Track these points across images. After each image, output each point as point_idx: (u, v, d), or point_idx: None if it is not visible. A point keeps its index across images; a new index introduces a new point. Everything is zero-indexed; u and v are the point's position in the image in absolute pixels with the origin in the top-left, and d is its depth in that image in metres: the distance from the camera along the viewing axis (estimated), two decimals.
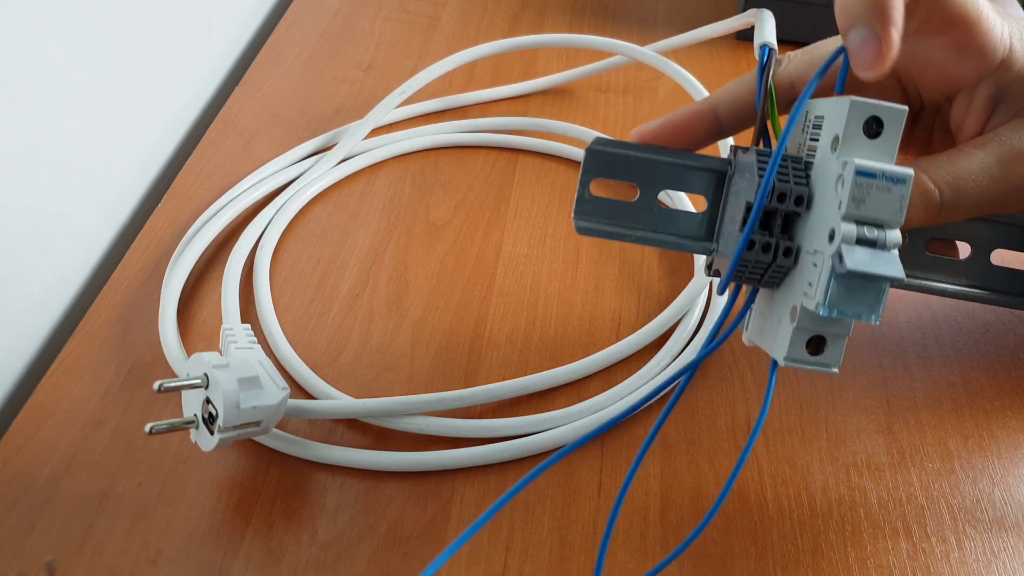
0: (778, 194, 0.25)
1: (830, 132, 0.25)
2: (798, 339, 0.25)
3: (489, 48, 0.53)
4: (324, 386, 0.37)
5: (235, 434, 0.31)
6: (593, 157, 0.28)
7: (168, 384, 0.31)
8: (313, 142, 0.50)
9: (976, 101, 0.28)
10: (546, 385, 0.38)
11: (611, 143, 0.28)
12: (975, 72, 0.28)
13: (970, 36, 0.27)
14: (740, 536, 0.33)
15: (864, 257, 0.23)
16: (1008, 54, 0.27)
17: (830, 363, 0.25)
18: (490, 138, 0.51)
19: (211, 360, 0.31)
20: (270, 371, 0.33)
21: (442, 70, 0.52)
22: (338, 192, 0.48)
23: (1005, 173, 0.26)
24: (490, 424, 0.36)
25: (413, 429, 0.35)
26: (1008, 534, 0.33)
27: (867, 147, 0.24)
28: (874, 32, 0.23)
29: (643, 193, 0.28)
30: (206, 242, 0.43)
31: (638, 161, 0.28)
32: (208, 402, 0.31)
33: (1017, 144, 0.26)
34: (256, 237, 0.44)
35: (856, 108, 0.24)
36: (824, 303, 0.24)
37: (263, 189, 0.46)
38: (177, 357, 0.37)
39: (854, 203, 0.23)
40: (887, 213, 0.23)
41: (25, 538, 0.32)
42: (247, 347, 0.34)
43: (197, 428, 0.32)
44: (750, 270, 0.26)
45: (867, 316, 0.24)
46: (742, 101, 0.29)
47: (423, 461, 0.34)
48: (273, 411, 0.32)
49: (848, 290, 0.24)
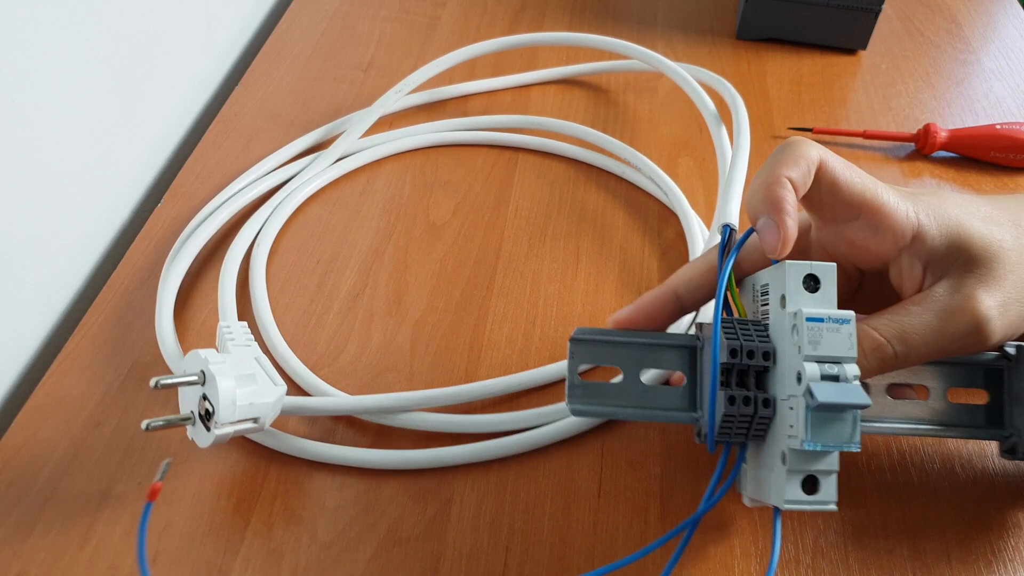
0: (746, 351, 0.29)
1: (776, 293, 0.29)
2: (793, 481, 0.28)
3: (489, 46, 0.53)
4: (321, 384, 0.37)
5: (232, 430, 0.31)
6: (578, 347, 0.31)
7: (164, 380, 0.31)
8: (310, 137, 0.50)
9: (905, 268, 0.32)
10: (544, 380, 0.38)
11: (592, 332, 0.32)
12: (893, 247, 0.31)
13: (878, 219, 0.31)
14: (740, 536, 0.33)
15: (831, 390, 0.27)
16: (918, 229, 0.31)
17: (827, 500, 0.28)
18: (489, 136, 0.51)
19: (208, 357, 0.31)
20: (267, 368, 0.33)
21: (440, 68, 0.52)
22: (335, 191, 0.48)
23: (943, 326, 0.30)
24: (488, 419, 0.36)
25: (410, 425, 0.35)
26: (1008, 534, 0.33)
27: (810, 300, 0.28)
28: (773, 221, 0.29)
29: (626, 374, 0.31)
30: (203, 240, 0.43)
31: (617, 347, 0.32)
32: (205, 399, 0.31)
33: (948, 302, 0.30)
34: (253, 236, 0.44)
35: (793, 269, 0.28)
36: (808, 438, 0.27)
37: (260, 187, 0.46)
38: (174, 355, 0.37)
39: (811, 345, 0.27)
40: (841, 350, 0.28)
41: (25, 538, 0.32)
42: (244, 344, 0.34)
43: (194, 425, 0.32)
44: (736, 426, 0.29)
45: (847, 444, 0.27)
46: (697, 282, 0.33)
47: (421, 459, 0.34)
48: (270, 408, 0.32)
49: (825, 423, 0.27)
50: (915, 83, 0.58)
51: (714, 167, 0.50)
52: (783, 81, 0.58)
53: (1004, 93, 0.57)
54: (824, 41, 0.61)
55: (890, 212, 0.31)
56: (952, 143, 0.51)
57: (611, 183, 0.49)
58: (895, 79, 0.58)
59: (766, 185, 0.30)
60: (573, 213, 0.47)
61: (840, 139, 0.53)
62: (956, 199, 0.33)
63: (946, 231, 0.31)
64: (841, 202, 0.31)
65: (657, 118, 0.54)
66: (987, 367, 0.33)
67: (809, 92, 0.57)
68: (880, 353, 0.30)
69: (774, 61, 0.60)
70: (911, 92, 0.57)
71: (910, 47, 0.62)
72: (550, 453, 0.35)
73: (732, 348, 0.29)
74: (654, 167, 0.48)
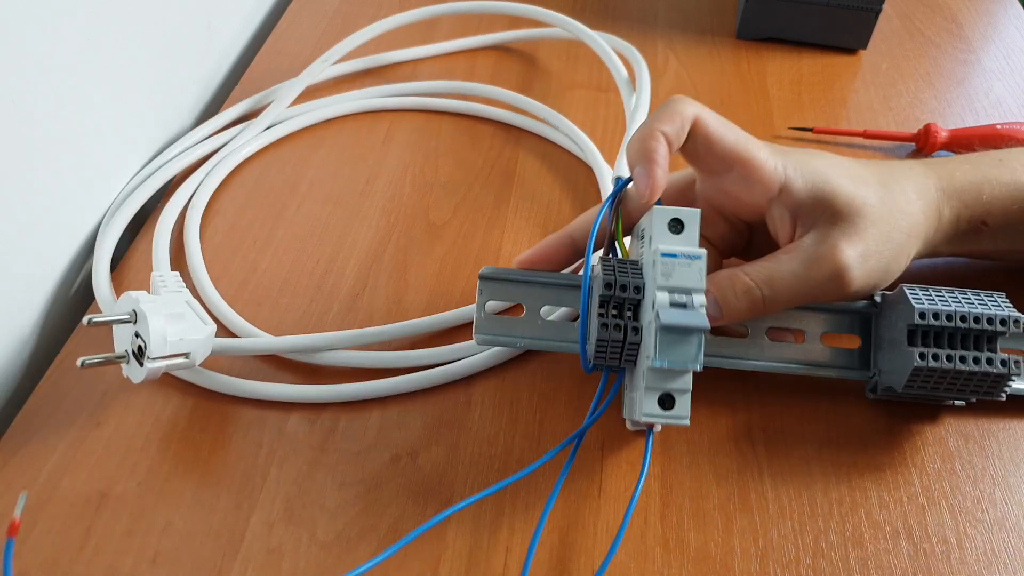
0: (620, 285, 0.32)
1: (648, 235, 0.33)
2: (651, 397, 0.31)
3: (413, 15, 0.56)
4: (248, 326, 0.39)
5: (163, 364, 0.33)
6: (485, 284, 0.36)
7: (97, 318, 0.33)
8: (242, 105, 0.52)
9: (777, 219, 0.35)
10: (468, 319, 0.40)
11: (498, 272, 0.36)
12: (763, 198, 0.35)
13: (748, 172, 0.34)
14: (740, 536, 0.33)
15: (676, 315, 0.30)
16: (785, 182, 0.34)
17: (681, 415, 0.31)
18: (414, 102, 0.54)
19: (139, 297, 0.34)
20: (197, 310, 0.35)
21: (365, 37, 0.54)
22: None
23: (807, 272, 0.33)
24: (413, 355, 0.38)
25: (336, 363, 0.38)
26: (1008, 534, 0.33)
27: (675, 240, 0.32)
28: (644, 170, 0.32)
29: (528, 309, 0.36)
30: (140, 201, 0.46)
31: (519, 285, 0.36)
32: (137, 336, 0.33)
33: (813, 251, 0.33)
34: (188, 197, 0.47)
35: (659, 213, 0.32)
36: (655, 356, 0.30)
37: (195, 154, 0.49)
38: (109, 301, 0.39)
39: (663, 277, 0.31)
40: (691, 282, 0.31)
41: (25, 538, 0.32)
42: (176, 291, 0.36)
43: (128, 363, 0.34)
44: (610, 350, 0.32)
45: (692, 364, 0.31)
46: (590, 228, 0.35)
47: (354, 392, 0.37)
48: (200, 344, 0.34)
49: (672, 344, 0.30)
50: (915, 83, 0.58)
51: None
52: (783, 81, 0.58)
53: (1004, 93, 0.57)
54: (824, 41, 0.61)
55: (759, 165, 0.34)
56: (952, 143, 0.51)
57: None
58: (895, 79, 0.58)
59: (641, 138, 0.33)
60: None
61: (840, 139, 0.53)
62: (829, 159, 0.36)
63: (812, 185, 0.34)
64: (715, 156, 0.34)
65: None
66: (859, 313, 0.37)
67: (809, 92, 0.57)
68: (750, 295, 0.33)
69: (774, 61, 0.60)
70: (911, 92, 0.57)
71: (910, 47, 0.62)
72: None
73: (607, 282, 0.32)
74: (571, 125, 0.51)
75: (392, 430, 0.36)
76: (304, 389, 0.37)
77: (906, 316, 0.34)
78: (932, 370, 0.33)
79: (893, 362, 0.35)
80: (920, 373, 0.33)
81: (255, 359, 0.38)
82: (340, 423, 0.36)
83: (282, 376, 0.38)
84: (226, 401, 0.37)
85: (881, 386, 0.36)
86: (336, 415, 0.36)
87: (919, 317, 0.33)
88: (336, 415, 0.36)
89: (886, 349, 0.35)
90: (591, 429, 0.36)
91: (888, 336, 0.35)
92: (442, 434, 0.36)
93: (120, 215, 0.44)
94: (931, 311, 0.33)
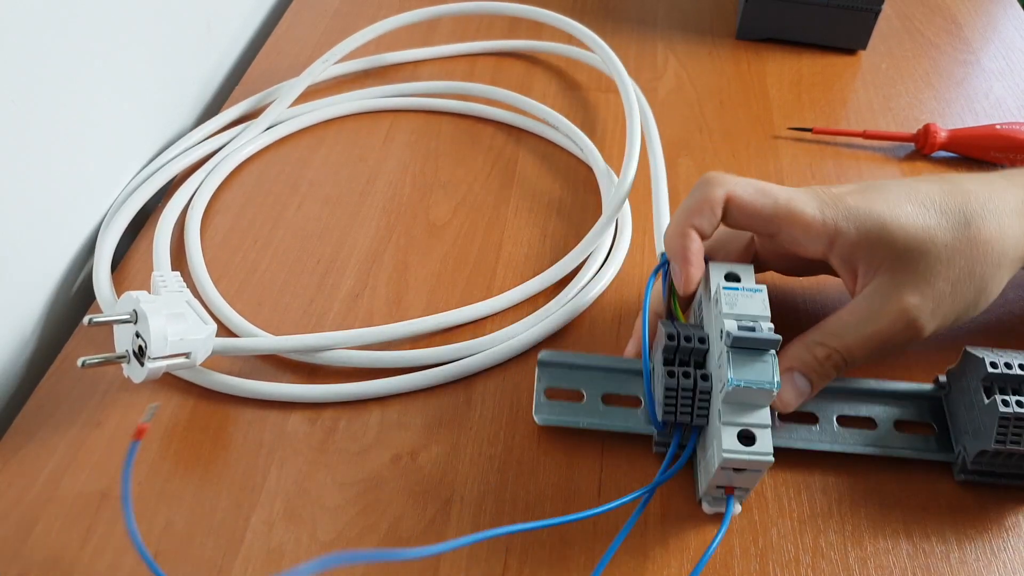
0: (683, 336, 0.32)
1: (703, 289, 0.34)
2: (730, 433, 0.30)
3: (414, 16, 0.55)
4: (248, 325, 0.39)
5: (164, 364, 0.33)
6: (543, 370, 0.36)
7: (98, 318, 0.33)
8: (243, 105, 0.52)
9: (838, 269, 0.35)
10: (468, 319, 0.40)
11: (556, 356, 0.36)
12: (819, 251, 0.34)
13: (795, 232, 0.34)
14: (740, 536, 0.33)
15: (747, 332, 0.30)
16: (835, 234, 0.33)
17: (764, 452, 0.29)
18: (414, 102, 0.54)
19: (140, 297, 0.33)
20: (197, 310, 0.35)
21: (366, 38, 0.54)
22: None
23: (877, 328, 0.32)
24: (412, 355, 0.38)
25: (336, 363, 0.38)
26: (1008, 534, 0.33)
27: None
28: (678, 267, 0.33)
29: (588, 396, 0.36)
30: (141, 201, 0.45)
31: (579, 371, 0.36)
32: (138, 336, 0.33)
33: (877, 305, 0.33)
34: (188, 197, 0.46)
35: (715, 268, 0.33)
36: (731, 377, 0.29)
37: (195, 154, 0.49)
38: (110, 301, 0.39)
39: (728, 306, 0.31)
40: (755, 310, 0.31)
41: (25, 538, 0.32)
42: (176, 291, 0.36)
43: (128, 362, 0.34)
44: (680, 401, 0.32)
45: (768, 384, 0.29)
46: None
47: (350, 392, 0.37)
48: (200, 344, 0.34)
49: (745, 363, 0.30)
50: (915, 83, 0.58)
51: (714, 164, 0.50)
52: (783, 81, 0.58)
53: (1004, 93, 0.57)
54: (824, 41, 0.61)
55: (806, 224, 0.33)
56: (952, 143, 0.51)
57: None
58: (895, 79, 0.58)
59: (672, 236, 0.34)
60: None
61: (840, 139, 0.53)
62: (891, 192, 0.34)
63: (866, 232, 0.33)
64: (758, 224, 0.34)
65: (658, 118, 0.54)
66: (927, 399, 0.36)
67: (809, 92, 0.57)
68: (832, 361, 0.33)
69: (774, 61, 0.60)
70: (911, 92, 0.57)
71: (910, 47, 0.62)
72: (550, 452, 0.35)
73: (670, 333, 0.32)
74: (570, 125, 0.51)
75: (392, 430, 0.36)
76: (304, 389, 0.37)
77: (978, 372, 0.33)
78: (1021, 417, 0.31)
79: (976, 423, 0.33)
80: (1008, 422, 0.32)
81: (255, 359, 0.39)
82: (340, 423, 0.36)
83: (282, 376, 0.38)
84: (226, 401, 0.37)
85: (970, 457, 0.34)
86: (336, 415, 0.36)
87: (991, 367, 0.32)
88: (336, 415, 0.36)
89: (964, 416, 0.34)
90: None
91: (964, 401, 0.34)
92: (442, 434, 0.36)
93: (121, 215, 0.44)
94: (1003, 360, 0.32)
